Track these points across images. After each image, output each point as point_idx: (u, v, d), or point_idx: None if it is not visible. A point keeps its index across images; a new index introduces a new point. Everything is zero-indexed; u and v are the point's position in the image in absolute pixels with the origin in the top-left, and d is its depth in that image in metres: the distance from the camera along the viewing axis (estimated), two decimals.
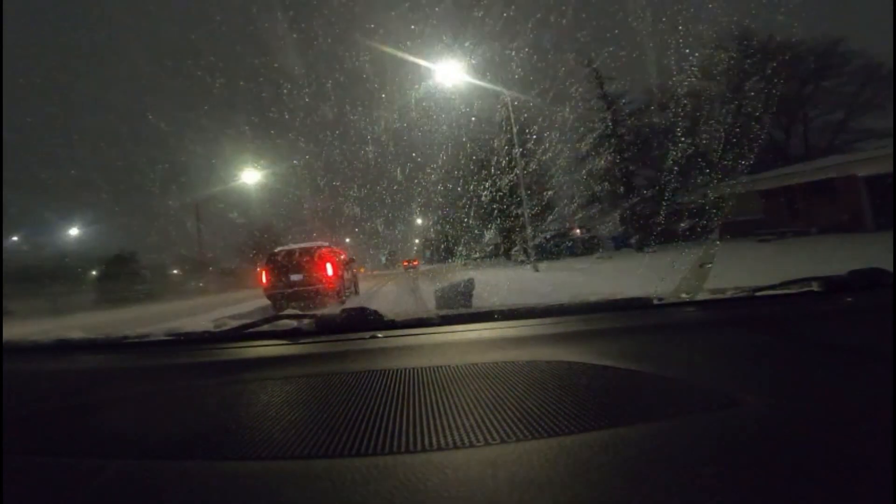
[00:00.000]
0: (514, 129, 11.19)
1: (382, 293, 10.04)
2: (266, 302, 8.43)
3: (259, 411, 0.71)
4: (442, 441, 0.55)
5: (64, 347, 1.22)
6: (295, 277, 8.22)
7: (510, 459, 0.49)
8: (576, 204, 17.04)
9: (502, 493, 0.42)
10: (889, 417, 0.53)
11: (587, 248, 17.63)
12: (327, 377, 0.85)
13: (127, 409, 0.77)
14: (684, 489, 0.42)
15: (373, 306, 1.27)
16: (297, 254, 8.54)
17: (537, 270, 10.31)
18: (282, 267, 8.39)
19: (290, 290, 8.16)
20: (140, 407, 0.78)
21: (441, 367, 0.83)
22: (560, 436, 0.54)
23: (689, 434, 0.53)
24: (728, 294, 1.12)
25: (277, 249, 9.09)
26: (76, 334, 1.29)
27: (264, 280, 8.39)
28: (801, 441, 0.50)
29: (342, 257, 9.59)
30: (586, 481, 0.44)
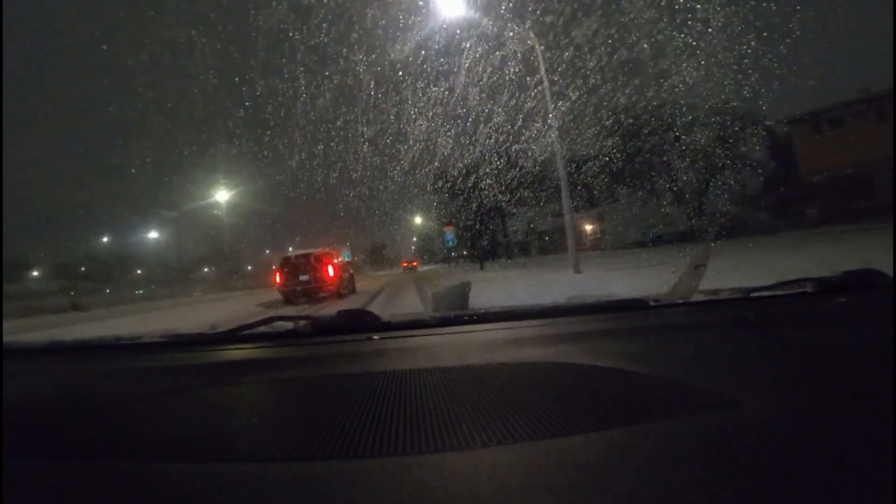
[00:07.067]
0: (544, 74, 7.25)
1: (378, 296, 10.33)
2: None
3: (255, 413, 0.71)
4: (439, 443, 0.54)
5: (57, 349, 1.24)
6: (303, 277, 9.82)
7: (507, 461, 0.48)
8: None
9: (500, 496, 0.42)
10: (889, 418, 0.51)
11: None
12: (323, 379, 0.85)
13: (123, 412, 0.78)
14: (681, 491, 0.41)
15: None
16: (304, 258, 10.23)
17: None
18: (292, 269, 10.04)
19: (298, 288, 9.77)
20: (136, 409, 0.79)
21: (437, 368, 0.83)
22: (557, 438, 0.53)
23: (685, 435, 0.52)
24: (723, 295, 1.11)
25: (288, 254, 10.89)
26: (70, 336, 1.31)
27: (278, 280, 10.07)
28: (797, 442, 0.49)
29: (342, 260, 11.46)
30: (584, 483, 0.43)
